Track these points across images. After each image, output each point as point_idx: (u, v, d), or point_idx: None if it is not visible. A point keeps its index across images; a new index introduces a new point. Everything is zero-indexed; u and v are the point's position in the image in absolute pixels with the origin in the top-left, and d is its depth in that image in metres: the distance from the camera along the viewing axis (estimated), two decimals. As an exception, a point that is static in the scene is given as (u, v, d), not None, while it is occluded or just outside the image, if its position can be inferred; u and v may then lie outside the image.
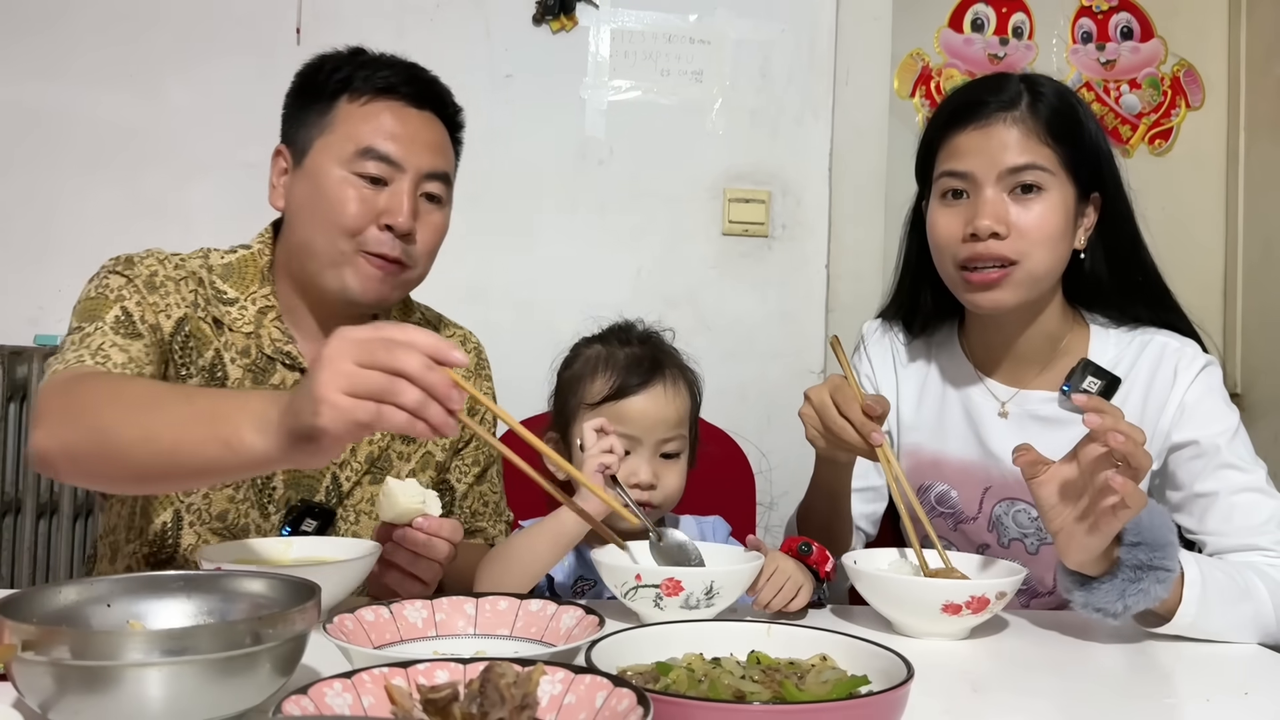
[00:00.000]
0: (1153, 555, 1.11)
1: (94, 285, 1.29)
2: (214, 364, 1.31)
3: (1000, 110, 1.32)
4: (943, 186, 1.36)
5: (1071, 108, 1.35)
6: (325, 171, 1.29)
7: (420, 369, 0.84)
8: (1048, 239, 1.31)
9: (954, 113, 1.36)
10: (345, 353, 0.84)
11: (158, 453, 0.97)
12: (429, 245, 1.33)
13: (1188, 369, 1.34)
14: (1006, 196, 1.31)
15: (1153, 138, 2.86)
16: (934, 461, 1.45)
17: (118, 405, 1.02)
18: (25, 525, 2.13)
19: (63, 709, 0.74)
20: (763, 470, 1.67)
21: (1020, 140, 1.31)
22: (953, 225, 1.33)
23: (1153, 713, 0.96)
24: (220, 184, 2.33)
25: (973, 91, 1.38)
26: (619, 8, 2.46)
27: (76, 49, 2.30)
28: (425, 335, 0.86)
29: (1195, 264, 2.80)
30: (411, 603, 0.99)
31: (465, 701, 0.68)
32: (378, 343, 0.84)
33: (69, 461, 1.06)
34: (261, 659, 0.77)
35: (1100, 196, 1.37)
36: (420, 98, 1.33)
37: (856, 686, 0.79)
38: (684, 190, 2.49)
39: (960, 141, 1.34)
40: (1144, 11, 2.87)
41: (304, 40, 2.35)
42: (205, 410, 0.96)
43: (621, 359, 1.41)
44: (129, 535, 1.34)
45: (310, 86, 1.35)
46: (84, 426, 1.03)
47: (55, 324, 2.28)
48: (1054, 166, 1.31)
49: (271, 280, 1.36)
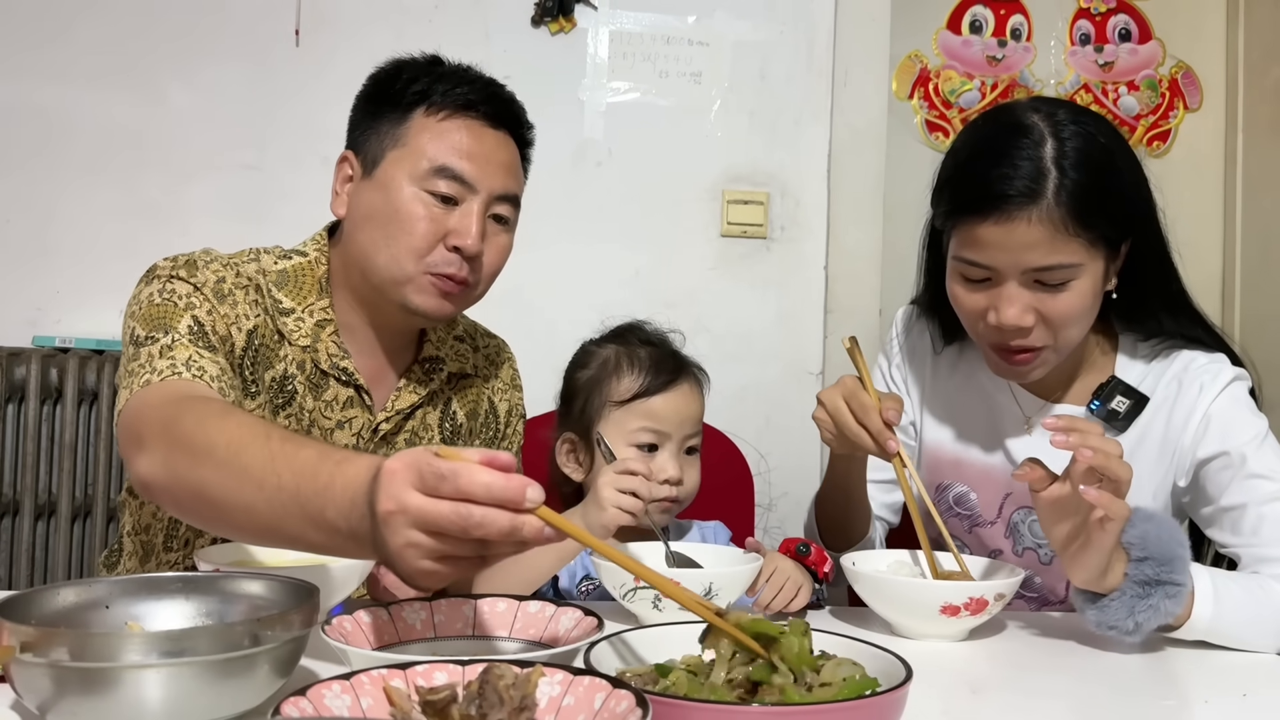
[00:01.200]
0: (1159, 570, 1.10)
1: (155, 290, 1.22)
2: (283, 378, 1.27)
3: (1023, 204, 1.17)
4: (960, 269, 1.26)
5: (1104, 174, 1.20)
6: (397, 186, 1.24)
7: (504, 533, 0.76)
8: (1077, 322, 1.25)
9: (970, 201, 1.22)
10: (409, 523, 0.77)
11: (260, 528, 0.94)
12: (494, 267, 1.31)
13: (1213, 383, 1.30)
14: (1032, 284, 1.21)
15: (1151, 139, 2.86)
16: (955, 461, 1.44)
17: (216, 463, 0.96)
18: (23, 526, 2.13)
19: (61, 711, 0.74)
20: (761, 472, 1.67)
21: (1046, 240, 1.18)
22: (975, 304, 1.26)
23: (1151, 714, 0.96)
24: (219, 185, 2.33)
25: (991, 169, 1.20)
26: (617, 9, 2.46)
27: (75, 50, 2.30)
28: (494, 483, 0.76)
29: (1193, 265, 2.76)
30: (410, 604, 0.99)
31: (464, 703, 0.68)
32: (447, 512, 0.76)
33: (173, 505, 1.04)
34: (260, 660, 0.77)
35: (1131, 240, 1.28)
36: (497, 117, 1.29)
37: (869, 688, 0.79)
38: (682, 192, 2.49)
39: (979, 233, 1.20)
40: (1142, 14, 2.87)
41: (303, 42, 2.35)
42: (291, 491, 0.88)
43: (645, 357, 1.42)
44: (172, 543, 1.32)
45: (384, 94, 1.29)
46: (187, 479, 0.98)
47: (53, 325, 2.28)
48: (1083, 256, 1.20)
49: (329, 292, 1.31)
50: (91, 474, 2.18)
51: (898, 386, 1.50)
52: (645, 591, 1.11)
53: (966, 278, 1.26)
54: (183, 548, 1.32)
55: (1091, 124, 1.23)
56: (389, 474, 0.78)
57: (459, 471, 0.75)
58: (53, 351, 2.21)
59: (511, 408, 1.50)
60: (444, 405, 1.41)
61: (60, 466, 2.16)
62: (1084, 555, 1.10)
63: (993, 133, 1.25)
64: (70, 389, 2.15)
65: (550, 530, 0.77)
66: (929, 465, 1.47)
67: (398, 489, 0.77)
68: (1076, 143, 1.20)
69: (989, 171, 1.20)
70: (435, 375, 1.39)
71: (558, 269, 2.41)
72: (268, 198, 2.33)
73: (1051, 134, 1.20)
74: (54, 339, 2.25)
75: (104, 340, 2.25)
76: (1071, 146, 1.19)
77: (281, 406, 1.27)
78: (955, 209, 1.24)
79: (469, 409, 1.44)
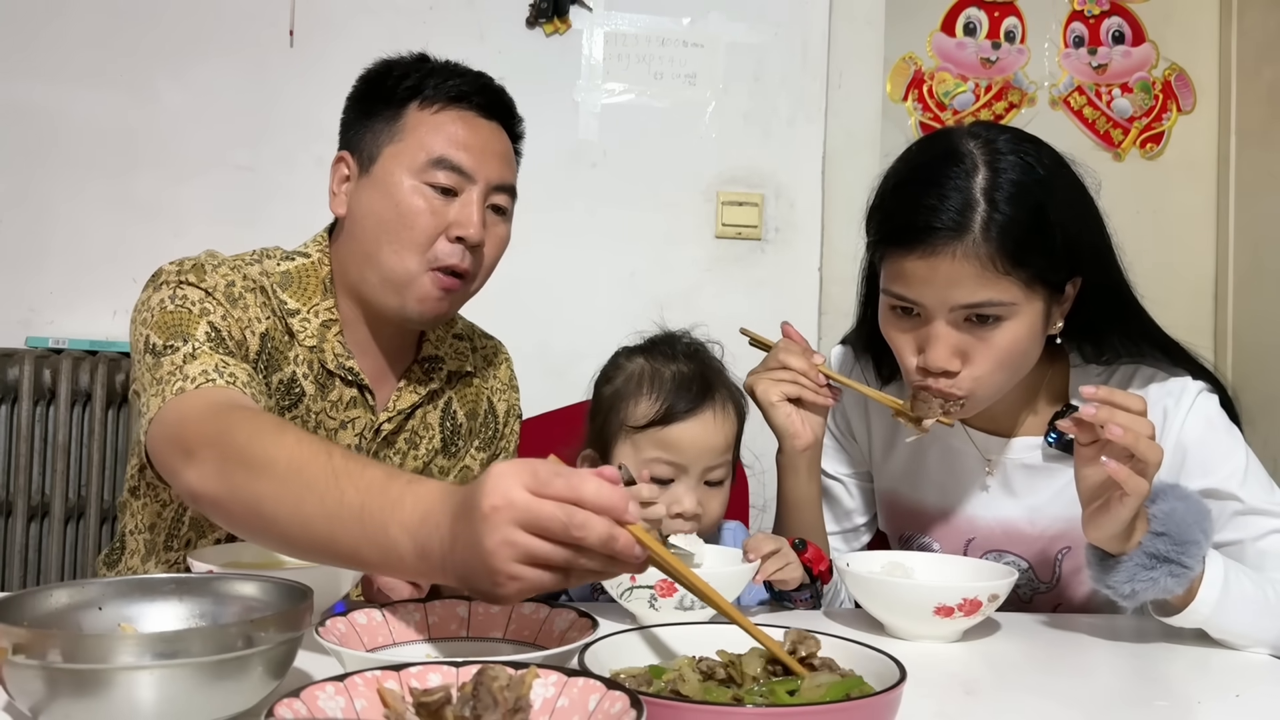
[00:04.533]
0: (1172, 548, 1.08)
1: (166, 296, 1.21)
2: (290, 380, 1.27)
3: (948, 240, 1.11)
4: (889, 301, 1.21)
5: (1038, 208, 1.13)
6: (396, 181, 1.25)
7: (602, 540, 0.76)
8: (1008, 366, 1.18)
9: (895, 231, 1.17)
10: (513, 519, 0.76)
11: (313, 543, 0.93)
12: (493, 258, 1.31)
13: (1178, 406, 1.24)
14: (962, 323, 1.15)
15: (1144, 142, 2.87)
16: (912, 512, 1.39)
17: (275, 477, 0.95)
18: (16, 528, 2.13)
19: (54, 712, 0.74)
20: (755, 473, 1.67)
21: (975, 276, 1.11)
22: (903, 341, 1.21)
23: (1145, 715, 0.96)
24: (213, 185, 2.33)
25: (918, 199, 1.14)
26: (612, 11, 2.46)
27: (69, 50, 2.29)
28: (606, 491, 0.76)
29: (1186, 268, 2.81)
30: (404, 605, 0.99)
31: (458, 704, 0.68)
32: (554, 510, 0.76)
33: (224, 517, 1.02)
34: (253, 662, 0.77)
35: (1079, 278, 1.21)
36: (489, 108, 1.30)
37: (853, 687, 0.79)
38: (677, 193, 2.49)
39: (905, 266, 1.15)
40: (1135, 16, 2.88)
41: (297, 42, 2.35)
42: (355, 507, 0.87)
43: (669, 378, 1.31)
44: (173, 542, 1.32)
45: (376, 92, 1.30)
46: (240, 493, 0.97)
47: (46, 325, 2.28)
48: (1017, 295, 1.14)
49: (333, 292, 1.32)
50: (85, 475, 2.18)
51: (844, 434, 1.46)
52: (641, 590, 1.11)
53: (896, 311, 1.21)
54: (184, 547, 1.31)
55: (1032, 154, 1.15)
56: (499, 474, 0.78)
57: (572, 474, 0.77)
58: (46, 352, 2.20)
59: (509, 408, 1.51)
60: (444, 405, 1.41)
61: (53, 467, 2.15)
62: (1101, 518, 1.08)
63: (924, 160, 1.19)
64: (64, 390, 2.14)
65: (640, 550, 0.77)
66: (888, 516, 1.44)
67: (508, 485, 0.77)
68: (1012, 174, 1.13)
69: (916, 202, 1.14)
70: (435, 374, 1.39)
71: (552, 270, 2.41)
72: (262, 198, 2.33)
73: (985, 163, 1.14)
74: (47, 340, 2.24)
75: (97, 341, 2.24)
76: (1005, 178, 1.13)
77: (289, 408, 1.27)
78: (882, 239, 1.19)
79: (469, 408, 1.44)
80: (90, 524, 2.18)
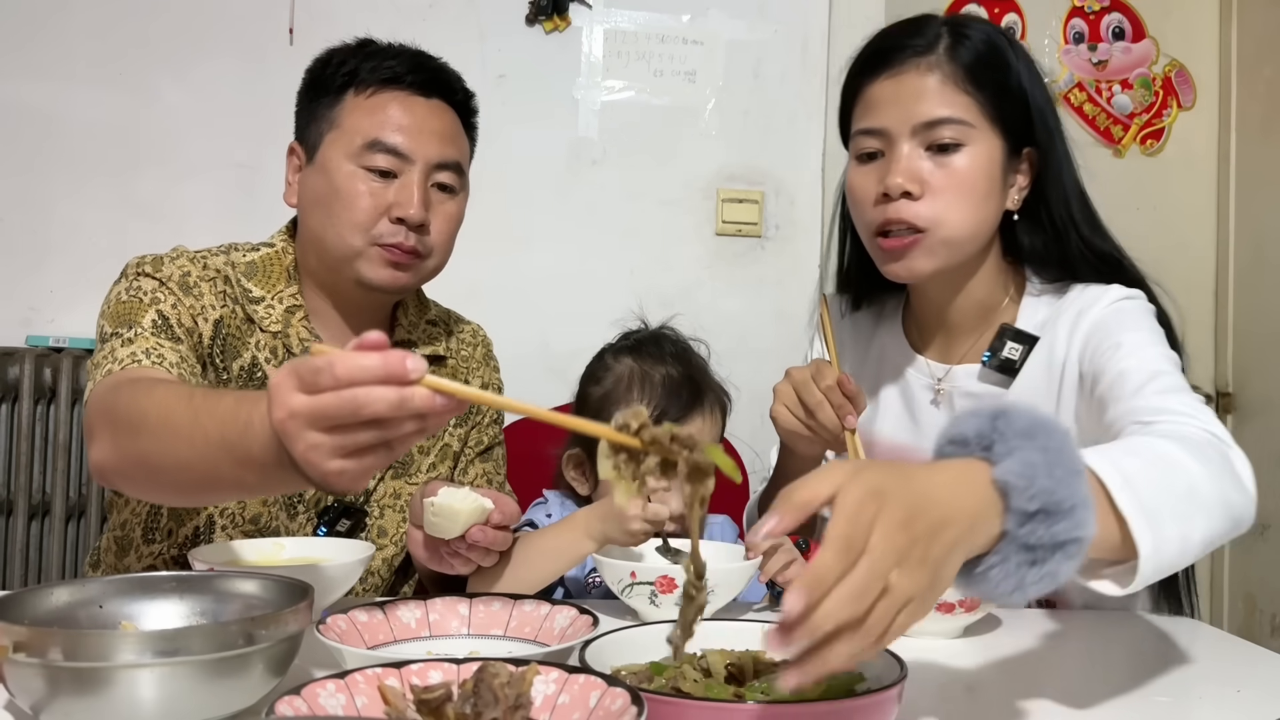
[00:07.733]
0: (1056, 528, 0.74)
1: (123, 288, 1.26)
2: (252, 365, 1.30)
3: (915, 56, 1.21)
4: (858, 146, 1.26)
5: (998, 50, 1.23)
6: (335, 167, 1.28)
7: (394, 407, 0.73)
8: (967, 199, 1.20)
9: (867, 60, 1.26)
10: (304, 424, 0.75)
11: (201, 483, 0.94)
12: (444, 235, 1.32)
13: (1094, 305, 1.22)
14: (923, 152, 1.20)
15: (1144, 138, 2.87)
16: (865, 443, 1.37)
17: (149, 430, 0.97)
18: (17, 526, 2.13)
19: (55, 711, 0.74)
20: (755, 470, 1.67)
21: (937, 89, 1.20)
22: (867, 186, 1.23)
23: (1146, 711, 0.96)
24: (213, 184, 2.33)
25: (888, 35, 1.26)
26: (612, 8, 2.46)
27: (69, 49, 2.29)
28: (369, 363, 0.73)
29: (1187, 264, 2.81)
30: (405, 603, 0.99)
31: (459, 702, 0.68)
32: (332, 402, 0.74)
33: (125, 481, 1.06)
34: (254, 660, 0.77)
35: (1034, 152, 1.26)
36: (427, 86, 1.32)
37: (852, 684, 0.79)
38: (677, 190, 2.49)
39: (873, 92, 1.24)
40: (1136, 12, 2.88)
41: (297, 41, 2.35)
42: (216, 440, 0.88)
43: (659, 382, 1.32)
44: (153, 535, 1.32)
45: (319, 82, 1.34)
46: (129, 453, 1.01)
47: (47, 325, 2.27)
48: (975, 118, 1.20)
49: (298, 279, 1.35)
50: (85, 474, 2.18)
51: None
52: (641, 586, 1.12)
53: (861, 156, 1.25)
54: (166, 538, 1.32)
55: (994, 30, 1.27)
56: (274, 386, 0.77)
57: (334, 361, 0.73)
58: (46, 351, 2.20)
59: (486, 384, 1.50)
60: None
61: (54, 466, 2.16)
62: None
63: (894, 24, 1.31)
64: (64, 388, 2.14)
65: (443, 399, 0.74)
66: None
67: (284, 396, 0.76)
68: (978, 28, 1.25)
69: (886, 37, 1.26)
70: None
71: (552, 267, 2.41)
72: (262, 196, 2.32)
73: (949, 24, 1.25)
74: (48, 338, 2.24)
75: (98, 340, 2.24)
76: (971, 30, 1.24)
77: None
78: (855, 75, 1.28)
79: None
80: (91, 522, 2.18)
